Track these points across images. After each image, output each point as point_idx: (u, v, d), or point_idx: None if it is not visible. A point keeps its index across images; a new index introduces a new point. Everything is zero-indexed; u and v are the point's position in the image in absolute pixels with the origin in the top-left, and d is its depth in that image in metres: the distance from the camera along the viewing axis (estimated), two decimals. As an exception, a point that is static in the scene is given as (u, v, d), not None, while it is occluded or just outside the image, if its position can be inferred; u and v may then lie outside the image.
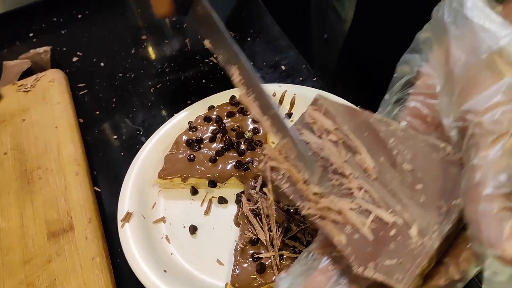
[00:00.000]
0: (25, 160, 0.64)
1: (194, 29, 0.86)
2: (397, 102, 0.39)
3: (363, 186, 0.35)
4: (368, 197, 0.34)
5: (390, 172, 0.35)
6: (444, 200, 0.32)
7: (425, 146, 0.35)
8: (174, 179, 0.57)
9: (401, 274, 0.31)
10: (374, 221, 0.33)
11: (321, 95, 0.41)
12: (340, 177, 0.36)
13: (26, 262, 0.53)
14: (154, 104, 0.73)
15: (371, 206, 0.34)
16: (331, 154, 0.37)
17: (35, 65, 0.81)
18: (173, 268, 0.50)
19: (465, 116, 0.29)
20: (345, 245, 0.33)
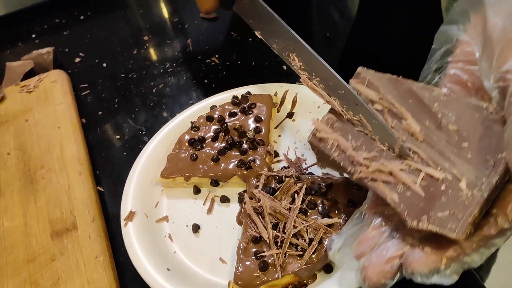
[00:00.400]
0: (28, 160, 0.64)
1: (195, 29, 0.87)
2: (436, 70, 0.40)
3: (412, 148, 0.37)
4: (417, 158, 0.36)
5: (436, 134, 0.37)
6: (490, 155, 0.34)
7: (468, 107, 0.37)
8: (176, 178, 0.57)
9: (454, 224, 0.32)
10: (424, 179, 0.35)
11: (364, 69, 0.42)
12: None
13: (30, 261, 0.53)
14: (156, 104, 0.73)
15: (420, 165, 0.36)
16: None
17: (37, 66, 0.81)
18: (176, 266, 0.50)
19: (505, 76, 0.30)
20: (398, 203, 0.35)
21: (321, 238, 0.46)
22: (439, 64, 0.40)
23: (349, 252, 0.38)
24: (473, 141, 0.35)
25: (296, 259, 0.45)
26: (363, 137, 0.40)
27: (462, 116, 0.37)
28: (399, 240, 0.36)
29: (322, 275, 0.47)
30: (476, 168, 0.34)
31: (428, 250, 0.33)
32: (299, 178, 0.52)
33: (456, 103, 0.37)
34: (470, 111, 0.36)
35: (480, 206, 0.32)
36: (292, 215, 0.48)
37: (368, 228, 0.38)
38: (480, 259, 0.32)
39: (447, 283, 0.32)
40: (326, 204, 0.49)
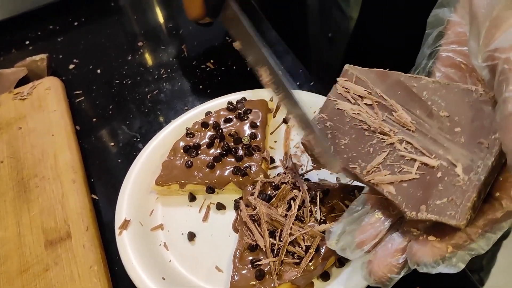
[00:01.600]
0: (21, 168, 0.63)
1: (190, 35, 0.86)
2: (430, 55, 0.40)
3: (404, 139, 0.37)
4: (411, 148, 0.36)
5: (428, 122, 0.37)
6: (484, 137, 0.34)
7: (457, 92, 0.36)
8: (171, 186, 0.56)
9: (453, 210, 0.32)
10: (419, 168, 0.35)
11: (350, 66, 0.43)
12: (380, 135, 0.38)
13: (24, 271, 0.52)
14: (151, 111, 0.73)
15: (414, 155, 0.36)
16: (368, 116, 0.39)
17: (31, 73, 0.81)
18: (172, 275, 0.49)
19: (493, 54, 0.30)
20: (395, 195, 0.35)
21: (318, 245, 0.46)
22: (432, 48, 0.40)
23: (350, 240, 0.38)
24: (465, 125, 0.35)
25: (293, 267, 0.45)
26: (356, 133, 0.40)
27: (452, 102, 0.36)
28: (404, 232, 0.35)
29: (320, 283, 0.46)
30: (470, 152, 0.34)
31: (432, 239, 0.33)
32: (295, 184, 0.52)
33: (445, 89, 0.37)
34: (460, 95, 0.36)
35: (478, 190, 0.32)
36: (289, 222, 0.47)
37: (368, 215, 0.37)
38: (487, 244, 0.32)
39: (453, 271, 0.32)
40: (323, 210, 0.49)
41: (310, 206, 0.49)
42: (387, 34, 0.72)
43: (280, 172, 0.57)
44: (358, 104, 0.41)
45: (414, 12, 0.62)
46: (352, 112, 0.41)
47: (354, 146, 0.40)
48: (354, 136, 0.40)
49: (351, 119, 0.41)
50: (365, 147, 0.39)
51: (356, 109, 0.41)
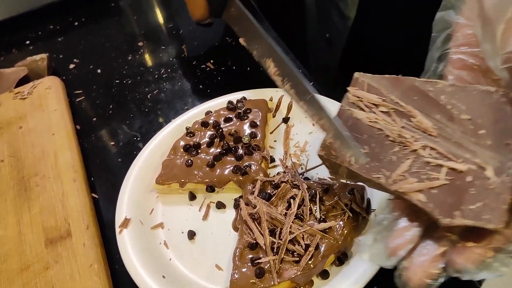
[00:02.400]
0: (22, 168, 0.63)
1: (190, 35, 0.87)
2: (440, 58, 0.40)
3: (428, 145, 0.35)
4: (436, 153, 0.35)
5: (450, 126, 0.36)
6: (510, 138, 0.33)
7: (477, 94, 0.36)
8: (172, 185, 0.57)
9: (489, 214, 0.31)
10: (448, 174, 0.34)
11: (360, 73, 0.41)
12: (402, 143, 0.36)
13: (24, 269, 0.52)
14: (151, 110, 0.73)
15: (440, 161, 0.35)
16: (386, 124, 0.38)
17: (32, 73, 0.81)
18: (172, 273, 0.50)
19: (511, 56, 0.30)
20: (426, 202, 0.34)
21: (318, 244, 0.46)
22: (441, 51, 0.40)
23: (382, 248, 0.36)
24: (489, 127, 0.35)
25: (292, 265, 0.45)
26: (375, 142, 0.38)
27: (472, 104, 0.36)
28: (439, 238, 0.34)
29: (319, 281, 0.46)
30: (498, 154, 0.33)
31: (471, 244, 0.32)
32: (295, 183, 0.52)
33: (463, 91, 0.37)
34: (480, 97, 0.36)
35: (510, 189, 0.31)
36: (288, 221, 0.47)
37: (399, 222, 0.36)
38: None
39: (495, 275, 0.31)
40: (323, 209, 0.49)
41: (310, 204, 0.49)
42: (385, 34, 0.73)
43: (280, 171, 0.57)
44: (374, 112, 0.39)
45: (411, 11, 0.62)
46: (368, 121, 0.39)
47: (375, 155, 0.37)
48: (374, 145, 0.38)
49: (368, 128, 0.38)
50: (388, 156, 0.37)
51: (373, 117, 0.39)
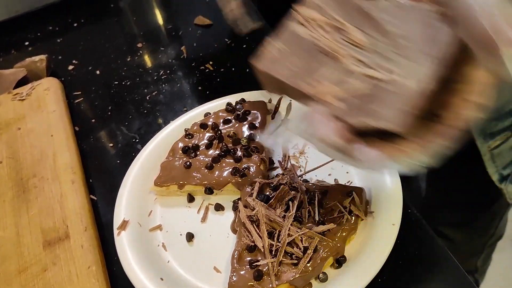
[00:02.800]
0: (20, 169, 0.63)
1: (190, 36, 0.87)
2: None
3: (355, 55, 0.36)
4: (361, 64, 0.36)
5: (381, 41, 0.36)
6: (432, 49, 0.34)
7: (415, 12, 0.36)
8: (170, 187, 0.57)
9: (396, 117, 0.32)
10: (367, 82, 0.35)
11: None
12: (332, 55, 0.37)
13: (22, 271, 0.52)
14: (150, 112, 0.73)
15: (362, 69, 0.35)
16: (322, 38, 0.38)
17: (30, 74, 0.81)
18: (170, 276, 0.50)
19: None
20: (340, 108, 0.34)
21: (316, 246, 0.46)
22: None
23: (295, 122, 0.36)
24: (416, 40, 0.35)
25: (291, 268, 0.45)
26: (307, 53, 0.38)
27: (408, 21, 0.36)
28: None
29: (318, 283, 0.46)
30: (417, 63, 0.34)
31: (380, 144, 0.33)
32: (293, 185, 0.52)
33: (403, 10, 0.37)
34: (412, 13, 0.36)
35: (422, 98, 0.32)
36: (287, 223, 0.47)
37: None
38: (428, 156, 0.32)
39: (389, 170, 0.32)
40: (321, 211, 0.49)
41: (309, 207, 0.49)
42: None
43: (278, 173, 0.57)
44: (313, 27, 0.39)
45: None
46: (306, 35, 0.39)
47: (302, 64, 0.38)
48: (305, 55, 0.38)
49: (305, 42, 0.39)
50: (316, 67, 0.37)
51: (310, 32, 0.39)
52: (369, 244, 0.47)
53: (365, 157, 0.33)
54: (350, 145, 0.33)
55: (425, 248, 0.48)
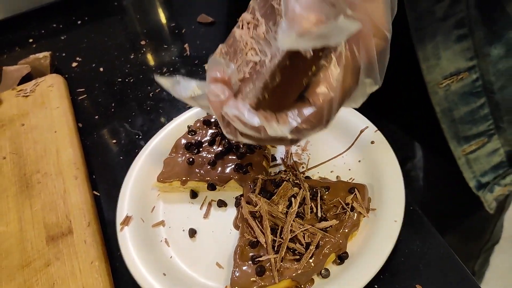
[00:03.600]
0: (24, 165, 0.64)
1: (193, 34, 0.87)
2: None
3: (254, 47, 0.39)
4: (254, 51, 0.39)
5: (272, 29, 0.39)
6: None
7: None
8: (173, 183, 0.57)
9: (251, 93, 0.36)
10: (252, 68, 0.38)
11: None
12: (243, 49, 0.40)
13: (25, 266, 0.52)
14: (153, 109, 0.73)
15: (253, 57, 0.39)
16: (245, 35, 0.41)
17: (34, 70, 0.81)
18: (173, 271, 0.50)
19: None
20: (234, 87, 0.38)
21: (318, 242, 0.46)
22: None
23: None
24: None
25: (293, 264, 0.45)
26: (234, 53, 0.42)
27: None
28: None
29: (320, 280, 0.46)
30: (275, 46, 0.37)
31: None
32: (296, 182, 0.52)
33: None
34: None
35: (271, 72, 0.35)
36: (289, 219, 0.47)
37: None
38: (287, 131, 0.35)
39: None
40: (323, 208, 0.49)
41: (311, 203, 0.49)
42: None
43: (281, 169, 0.57)
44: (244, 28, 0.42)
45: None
46: (239, 36, 0.42)
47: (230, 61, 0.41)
48: (232, 55, 0.42)
49: (237, 42, 0.42)
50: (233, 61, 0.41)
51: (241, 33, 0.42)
52: (371, 241, 0.47)
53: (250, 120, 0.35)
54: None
55: (427, 245, 0.48)
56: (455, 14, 0.53)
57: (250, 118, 0.35)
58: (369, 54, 0.35)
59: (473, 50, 0.55)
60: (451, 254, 0.47)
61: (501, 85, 0.56)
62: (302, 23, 0.30)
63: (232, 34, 0.43)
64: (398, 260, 0.47)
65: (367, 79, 0.37)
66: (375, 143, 0.56)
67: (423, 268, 0.46)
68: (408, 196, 0.50)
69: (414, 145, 0.86)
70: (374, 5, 0.35)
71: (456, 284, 0.45)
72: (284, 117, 0.36)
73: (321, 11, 0.31)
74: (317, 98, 0.35)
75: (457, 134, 0.60)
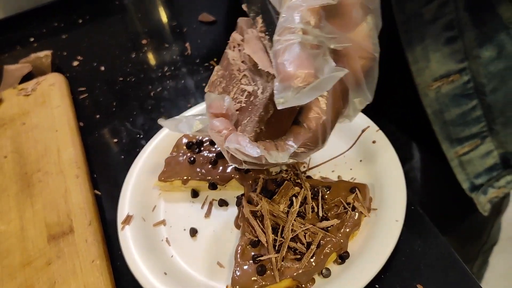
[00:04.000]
0: (25, 163, 0.64)
1: (194, 33, 0.87)
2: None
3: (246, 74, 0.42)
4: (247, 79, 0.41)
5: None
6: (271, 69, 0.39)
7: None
8: (174, 182, 0.57)
9: (249, 126, 0.38)
10: (247, 96, 0.41)
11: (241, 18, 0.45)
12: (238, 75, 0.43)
13: (26, 264, 0.52)
14: (154, 108, 0.73)
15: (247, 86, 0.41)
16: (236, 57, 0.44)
17: (35, 69, 0.81)
18: (173, 270, 0.50)
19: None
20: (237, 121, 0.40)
21: (319, 242, 0.46)
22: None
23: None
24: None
25: (294, 263, 0.45)
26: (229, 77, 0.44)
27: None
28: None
29: (321, 279, 0.46)
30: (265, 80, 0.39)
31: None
32: (297, 181, 0.52)
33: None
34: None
35: (264, 106, 0.37)
36: (290, 219, 0.47)
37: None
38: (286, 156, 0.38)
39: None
40: (325, 207, 0.49)
41: (312, 203, 0.49)
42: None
43: (282, 169, 0.57)
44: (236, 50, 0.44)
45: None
46: (232, 59, 0.44)
47: (226, 88, 0.43)
48: (228, 79, 0.44)
49: (230, 65, 0.44)
50: (229, 87, 0.43)
51: (234, 55, 0.44)
52: (373, 240, 0.47)
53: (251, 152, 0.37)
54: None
55: (428, 245, 0.48)
56: (444, 16, 0.53)
57: (251, 150, 0.36)
58: (356, 76, 0.38)
59: (463, 52, 0.55)
60: (452, 254, 0.47)
61: (493, 87, 0.56)
62: (295, 83, 0.32)
63: (226, 56, 0.45)
64: (399, 260, 0.47)
65: (356, 98, 0.39)
66: (377, 142, 0.56)
67: (424, 268, 0.46)
68: (410, 196, 0.50)
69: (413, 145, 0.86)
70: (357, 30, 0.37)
71: (457, 284, 0.45)
72: (282, 144, 0.38)
73: (310, 64, 0.32)
74: (310, 122, 0.38)
75: (449, 136, 0.60)
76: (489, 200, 0.63)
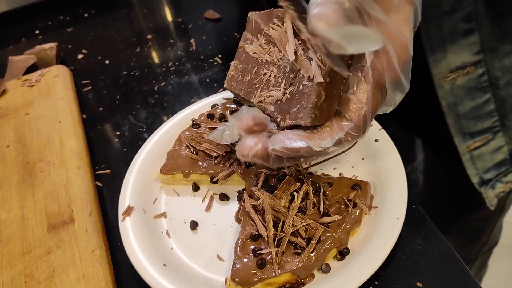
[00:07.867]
0: (27, 153, 0.64)
1: (199, 30, 0.87)
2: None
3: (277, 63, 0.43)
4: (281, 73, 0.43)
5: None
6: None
7: None
8: (176, 175, 0.57)
9: (302, 113, 0.40)
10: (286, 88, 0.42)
11: (252, 13, 0.46)
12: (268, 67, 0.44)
13: (26, 253, 0.52)
14: (157, 102, 0.73)
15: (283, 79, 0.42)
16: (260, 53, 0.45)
17: (40, 61, 0.81)
18: (173, 262, 0.50)
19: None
20: (274, 112, 0.43)
21: (320, 237, 0.46)
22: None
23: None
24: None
25: (294, 258, 0.45)
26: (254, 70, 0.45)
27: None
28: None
29: (320, 274, 0.46)
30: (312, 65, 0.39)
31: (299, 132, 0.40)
32: (298, 177, 0.52)
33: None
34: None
35: (317, 92, 0.38)
36: (291, 213, 0.47)
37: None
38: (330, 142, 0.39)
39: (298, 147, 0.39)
40: (326, 203, 0.49)
41: (313, 198, 0.49)
42: None
43: (284, 165, 0.57)
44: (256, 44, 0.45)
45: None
46: (252, 53, 0.45)
47: (252, 81, 0.45)
48: (252, 73, 0.45)
49: (251, 59, 0.45)
50: (258, 80, 0.44)
51: (254, 49, 0.45)
52: (373, 237, 0.47)
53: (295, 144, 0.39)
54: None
55: (429, 244, 0.48)
56: (463, 8, 0.53)
57: (296, 143, 0.39)
58: (394, 71, 0.38)
59: (479, 45, 0.55)
60: (452, 253, 0.47)
61: (506, 81, 0.56)
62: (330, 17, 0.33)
63: (243, 50, 0.46)
64: (399, 258, 0.47)
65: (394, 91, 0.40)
66: (379, 141, 0.56)
67: (424, 266, 0.46)
68: (411, 195, 0.50)
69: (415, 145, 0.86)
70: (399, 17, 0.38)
71: (457, 282, 0.45)
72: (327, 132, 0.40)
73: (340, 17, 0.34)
74: (352, 113, 0.39)
75: (462, 130, 0.60)
76: (497, 195, 0.64)
